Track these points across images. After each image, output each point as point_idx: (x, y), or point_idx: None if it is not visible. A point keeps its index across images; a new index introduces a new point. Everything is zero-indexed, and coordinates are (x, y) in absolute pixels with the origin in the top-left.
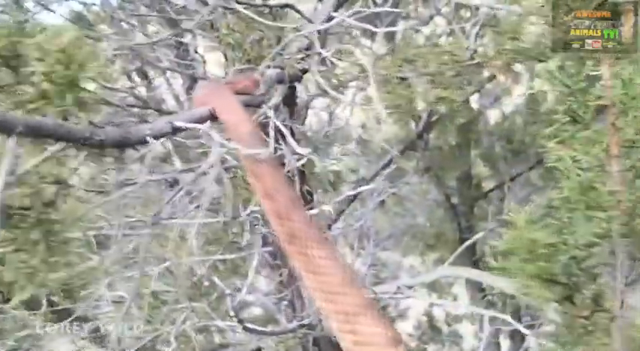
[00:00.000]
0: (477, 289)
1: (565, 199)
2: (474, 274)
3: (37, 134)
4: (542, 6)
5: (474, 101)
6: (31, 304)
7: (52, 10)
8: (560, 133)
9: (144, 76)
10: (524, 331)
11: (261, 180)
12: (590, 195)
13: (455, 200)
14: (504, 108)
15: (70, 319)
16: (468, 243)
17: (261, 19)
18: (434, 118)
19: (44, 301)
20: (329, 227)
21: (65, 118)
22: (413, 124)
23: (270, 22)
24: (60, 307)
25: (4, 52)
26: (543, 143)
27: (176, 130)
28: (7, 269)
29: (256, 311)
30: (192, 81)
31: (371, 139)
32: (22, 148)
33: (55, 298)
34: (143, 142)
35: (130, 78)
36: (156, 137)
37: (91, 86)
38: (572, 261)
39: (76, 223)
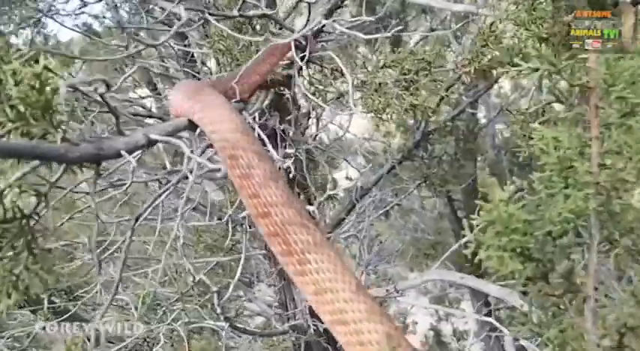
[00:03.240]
0: (483, 304)
1: (544, 178)
2: (458, 277)
3: (14, 156)
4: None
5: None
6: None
7: (67, 27)
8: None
9: (153, 87)
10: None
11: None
12: (569, 174)
13: (461, 213)
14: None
15: (63, 318)
16: (454, 247)
17: (231, 33)
18: (431, 128)
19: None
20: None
21: (43, 137)
22: (410, 134)
23: (238, 35)
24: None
25: None
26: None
27: (151, 143)
28: None
29: (258, 320)
30: None
31: (371, 148)
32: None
33: (56, 300)
34: (117, 155)
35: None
36: (130, 151)
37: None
38: (548, 237)
39: (56, 232)
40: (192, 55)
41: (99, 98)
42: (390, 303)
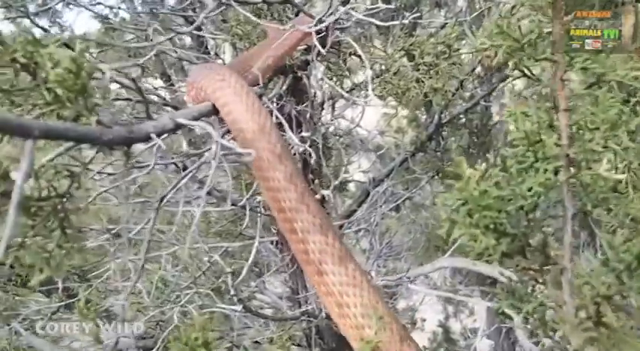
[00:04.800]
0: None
1: (515, 153)
2: (470, 263)
3: (51, 137)
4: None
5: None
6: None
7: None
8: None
9: (167, 78)
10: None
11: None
12: (538, 148)
13: None
14: None
15: (74, 299)
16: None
17: (251, 16)
18: (445, 120)
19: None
20: (340, 227)
21: (76, 119)
22: (423, 127)
23: (257, 20)
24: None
25: (23, 59)
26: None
27: (178, 127)
28: (27, 254)
29: (268, 312)
30: None
31: (383, 143)
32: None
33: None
34: (147, 138)
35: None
36: (159, 134)
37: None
38: (520, 211)
39: (87, 211)
40: (207, 47)
41: (128, 83)
42: (399, 298)
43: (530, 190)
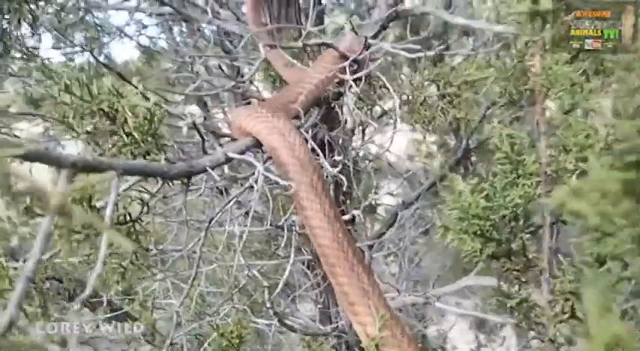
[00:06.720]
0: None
1: (500, 170)
2: (494, 282)
3: (131, 173)
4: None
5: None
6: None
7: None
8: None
9: (203, 104)
10: None
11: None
12: (519, 165)
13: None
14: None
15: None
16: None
17: (294, 61)
18: (473, 145)
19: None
20: (370, 247)
21: (144, 155)
22: (452, 152)
23: (295, 61)
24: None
25: (106, 108)
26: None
27: (229, 160)
28: (106, 269)
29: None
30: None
31: (411, 169)
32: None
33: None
34: (204, 171)
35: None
36: (213, 167)
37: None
38: (503, 220)
39: (154, 234)
40: (242, 75)
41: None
42: (429, 324)
43: (511, 201)
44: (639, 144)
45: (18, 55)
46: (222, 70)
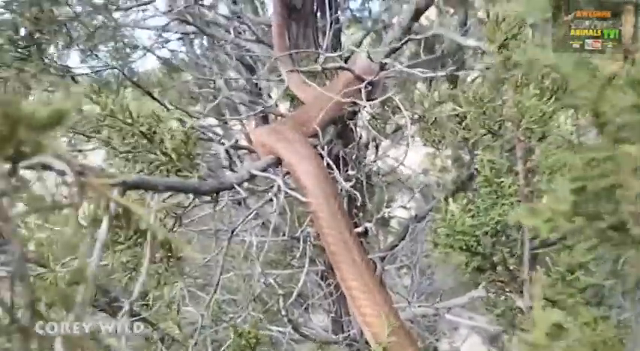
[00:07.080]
0: None
1: (484, 193)
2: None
3: (171, 190)
4: None
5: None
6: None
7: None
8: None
9: (222, 115)
10: None
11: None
12: (499, 187)
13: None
14: None
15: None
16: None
17: (311, 83)
18: None
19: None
20: (382, 259)
21: (177, 172)
22: (466, 167)
23: (312, 83)
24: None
25: (145, 130)
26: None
27: (253, 177)
28: (131, 275)
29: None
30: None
31: (425, 183)
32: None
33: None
34: (232, 187)
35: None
36: (239, 183)
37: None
38: (485, 236)
39: (185, 245)
40: (260, 88)
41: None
42: (441, 338)
43: (492, 219)
44: (587, 175)
45: (53, 71)
46: (245, 89)
